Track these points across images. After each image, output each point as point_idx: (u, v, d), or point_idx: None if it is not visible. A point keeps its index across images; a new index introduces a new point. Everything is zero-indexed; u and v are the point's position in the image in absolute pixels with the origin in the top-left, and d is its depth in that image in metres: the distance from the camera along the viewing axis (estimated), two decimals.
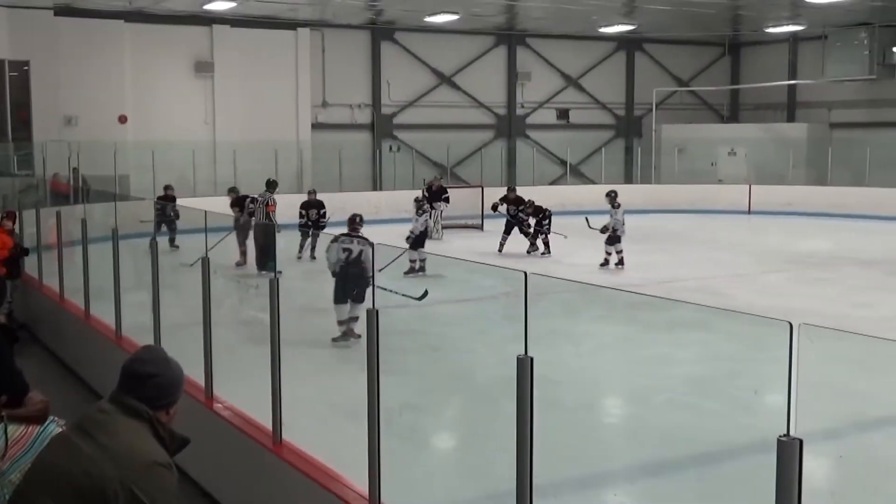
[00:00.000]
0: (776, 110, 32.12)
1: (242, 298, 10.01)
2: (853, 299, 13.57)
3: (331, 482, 4.92)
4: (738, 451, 6.80)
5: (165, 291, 7.62)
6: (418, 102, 29.10)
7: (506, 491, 3.74)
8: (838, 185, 26.69)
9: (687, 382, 8.66)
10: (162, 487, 2.94)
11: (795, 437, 2.67)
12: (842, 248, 19.59)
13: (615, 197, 17.03)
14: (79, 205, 13.62)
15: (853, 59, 27.74)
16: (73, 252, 10.94)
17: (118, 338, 8.42)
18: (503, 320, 10.04)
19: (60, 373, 9.80)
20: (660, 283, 14.91)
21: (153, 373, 3.12)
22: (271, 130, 25.58)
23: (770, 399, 6.69)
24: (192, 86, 25.43)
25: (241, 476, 5.93)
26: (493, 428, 6.54)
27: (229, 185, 23.95)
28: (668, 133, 31.01)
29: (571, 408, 7.49)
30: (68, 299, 10.43)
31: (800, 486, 2.68)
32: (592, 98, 31.88)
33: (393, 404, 5.15)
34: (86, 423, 3.07)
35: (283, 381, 5.51)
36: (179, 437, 3.19)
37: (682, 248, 19.79)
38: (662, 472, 6.68)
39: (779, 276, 15.97)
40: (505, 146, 30.22)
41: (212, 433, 6.02)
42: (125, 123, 24.38)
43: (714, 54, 33.21)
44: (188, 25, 25.02)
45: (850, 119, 29.74)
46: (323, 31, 27.13)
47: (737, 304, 12.75)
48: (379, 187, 27.03)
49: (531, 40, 30.50)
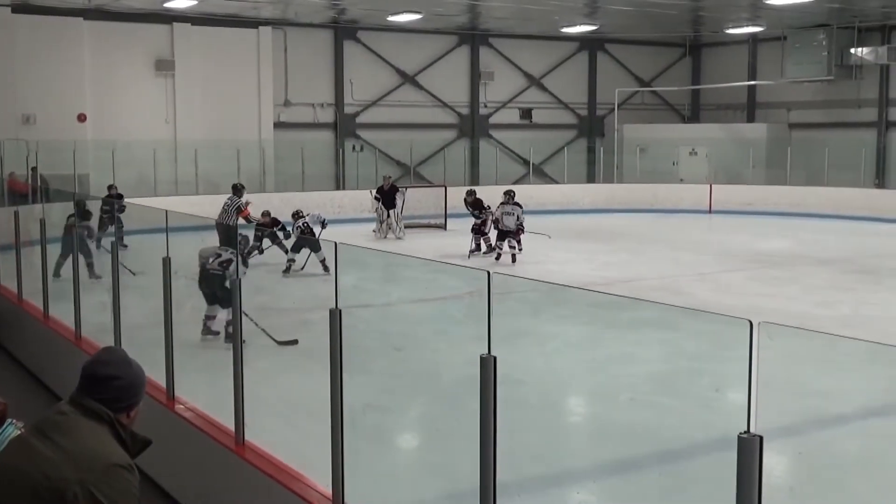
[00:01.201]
0: (736, 110, 32.46)
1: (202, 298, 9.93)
2: (813, 298, 13.75)
3: (294, 482, 4.90)
4: (700, 448, 6.87)
5: (124, 292, 7.54)
6: (381, 102, 29.05)
7: (470, 490, 3.75)
8: (797, 185, 27.03)
9: (649, 381, 8.72)
10: (123, 490, 2.91)
11: (756, 434, 2.70)
12: (801, 248, 19.84)
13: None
14: (37, 204, 13.46)
15: (812, 60, 28.09)
16: (31, 252, 10.81)
17: (78, 339, 8.33)
18: (467, 320, 10.06)
19: (18, 374, 9.67)
20: (622, 282, 15.00)
21: (114, 375, 3.08)
22: (233, 129, 25.42)
23: (731, 397, 6.76)
24: (152, 84, 25.19)
25: (204, 477, 5.89)
26: (457, 427, 6.55)
27: (190, 183, 23.93)
28: (629, 133, 31.24)
29: (535, 407, 7.52)
30: (26, 300, 10.30)
31: (760, 482, 2.71)
32: (555, 98, 32.02)
33: (357, 404, 5.14)
34: (45, 425, 3.03)
35: (245, 381, 5.48)
36: (141, 439, 3.15)
37: (644, 248, 19.93)
38: (625, 469, 6.72)
39: (740, 274, 16.13)
40: (468, 145, 30.27)
41: (174, 434, 5.97)
42: (84, 122, 24.10)
43: (675, 55, 33.49)
44: (148, 23, 24.78)
45: (808, 119, 30.12)
46: (285, 29, 27.00)
47: (698, 302, 12.87)
48: (342, 187, 26.94)
49: (494, 40, 30.57)
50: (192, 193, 23.24)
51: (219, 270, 9.59)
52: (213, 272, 9.38)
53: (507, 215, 17.34)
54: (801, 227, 23.22)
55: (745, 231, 22.57)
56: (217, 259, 9.59)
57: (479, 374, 3.59)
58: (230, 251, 9.71)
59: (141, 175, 23.52)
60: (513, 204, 17.43)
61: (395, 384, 8.36)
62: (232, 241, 14.00)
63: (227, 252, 9.67)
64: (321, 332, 4.55)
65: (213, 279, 9.70)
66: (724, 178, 28.86)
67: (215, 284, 9.67)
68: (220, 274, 9.55)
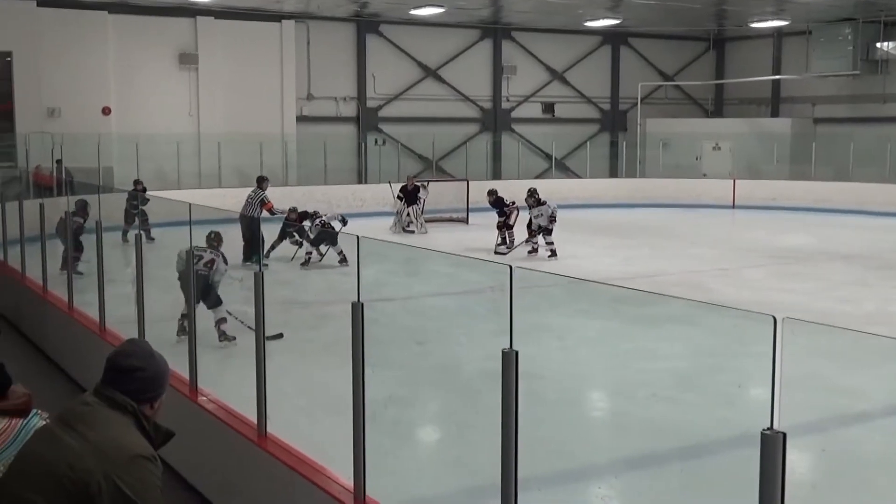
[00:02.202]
0: (760, 105, 32.25)
1: (227, 291, 9.98)
2: (836, 294, 13.65)
3: (315, 475, 4.91)
4: (721, 444, 6.84)
5: (149, 284, 7.59)
6: (403, 95, 29.05)
7: (490, 484, 3.75)
8: (822, 181, 26.81)
9: (671, 376, 8.69)
10: (146, 480, 2.93)
11: (779, 431, 2.68)
12: (825, 244, 19.70)
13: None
14: (62, 197, 13.56)
15: (837, 55, 27.86)
16: (56, 244, 10.89)
17: (102, 330, 8.39)
18: (488, 314, 10.06)
19: (44, 365, 9.75)
20: (644, 277, 14.95)
21: (138, 366, 3.11)
22: (256, 123, 25.50)
23: (753, 393, 6.73)
24: (176, 78, 25.30)
25: (226, 469, 5.92)
26: (477, 421, 6.55)
27: (213, 177, 24.04)
28: (652, 127, 31.09)
29: (555, 401, 7.51)
30: (51, 291, 10.37)
31: (783, 479, 2.69)
32: (578, 92, 31.92)
33: (378, 397, 5.15)
34: (69, 415, 3.06)
35: (267, 374, 5.51)
36: (164, 431, 3.18)
37: (666, 243, 19.85)
38: (647, 465, 6.70)
39: (762, 270, 16.04)
40: (490, 140, 30.23)
41: (196, 426, 6.00)
42: (109, 115, 24.25)
43: (699, 49, 33.30)
44: (172, 17, 24.90)
45: (833, 114, 29.87)
46: (308, 23, 27.04)
47: (720, 298, 12.80)
48: (364, 180, 26.98)
49: (517, 34, 30.50)
50: (214, 186, 23.37)
51: (204, 271, 9.58)
52: (199, 272, 9.38)
53: (537, 217, 17.30)
54: (825, 223, 23.06)
55: (769, 227, 22.43)
56: (200, 260, 9.59)
57: (501, 369, 3.58)
58: (211, 251, 9.74)
59: (164, 168, 23.65)
60: (539, 206, 17.32)
61: (417, 378, 8.37)
62: (255, 234, 14.13)
63: (208, 252, 9.69)
64: (342, 326, 4.56)
65: (196, 280, 9.70)
66: (747, 173, 28.68)
67: (199, 285, 9.65)
68: (204, 274, 9.54)
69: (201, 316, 8.66)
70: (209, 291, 9.56)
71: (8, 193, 14.24)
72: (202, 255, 9.66)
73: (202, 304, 9.43)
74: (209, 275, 9.60)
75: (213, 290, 9.65)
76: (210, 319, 9.63)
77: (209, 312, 9.66)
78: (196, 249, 9.52)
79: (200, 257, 9.59)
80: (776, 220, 23.95)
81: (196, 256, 9.57)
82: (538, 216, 17.28)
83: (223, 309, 9.66)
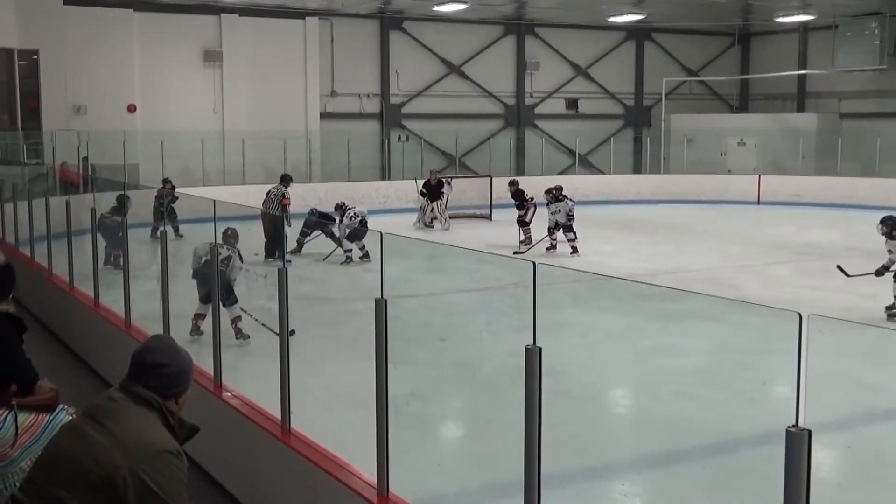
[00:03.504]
0: (786, 100, 32.02)
1: (251, 288, 10.02)
2: (860, 291, 13.53)
3: (339, 471, 4.93)
4: (745, 442, 6.80)
5: (174, 281, 7.63)
6: (427, 92, 29.07)
7: (513, 480, 3.75)
8: (848, 176, 26.57)
9: (694, 373, 8.66)
10: (171, 475, 2.96)
11: (804, 428, 2.67)
12: (850, 240, 19.51)
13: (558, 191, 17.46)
14: (88, 194, 13.66)
15: (863, 49, 27.61)
16: (82, 241, 10.96)
17: (127, 327, 8.44)
18: (510, 310, 10.05)
19: (70, 362, 9.83)
20: (668, 273, 14.89)
21: (163, 362, 3.13)
22: (280, 120, 25.60)
23: (778, 390, 6.69)
24: (200, 75, 25.45)
25: (250, 464, 5.95)
26: (500, 418, 6.55)
27: (237, 174, 24.13)
28: (677, 123, 30.94)
29: (578, 398, 7.50)
30: (77, 288, 10.45)
31: (808, 477, 2.68)
32: (601, 88, 31.81)
33: (401, 393, 5.16)
34: (95, 411, 3.09)
35: (291, 370, 5.53)
36: (189, 426, 3.21)
37: (691, 239, 19.76)
38: (670, 462, 6.68)
39: (787, 267, 15.93)
40: (513, 136, 30.18)
41: (221, 422, 6.04)
42: (134, 112, 24.42)
43: (724, 44, 33.10)
44: (197, 14, 25.04)
45: (860, 109, 29.61)
46: (332, 20, 27.11)
47: (745, 295, 12.73)
48: (387, 177, 27.00)
49: (540, 30, 30.43)
50: (239, 183, 23.47)
51: (221, 267, 9.48)
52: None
53: (554, 214, 17.24)
54: (851, 219, 22.83)
55: (794, 222, 22.27)
56: (218, 256, 9.52)
57: (524, 365, 3.58)
58: (228, 248, 9.70)
59: (189, 165, 23.77)
60: (556, 202, 17.20)
61: (439, 374, 8.38)
62: (278, 230, 14.18)
63: (225, 249, 9.64)
64: (365, 322, 4.57)
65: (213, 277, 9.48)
66: (772, 168, 28.49)
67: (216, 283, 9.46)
68: (222, 270, 9.29)
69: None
70: (226, 288, 9.54)
71: (35, 190, 14.36)
72: (220, 251, 9.65)
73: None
74: (225, 272, 9.59)
75: (230, 287, 9.65)
76: (226, 317, 9.64)
77: (224, 310, 9.66)
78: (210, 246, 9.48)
79: (218, 254, 9.58)
80: (801, 216, 23.78)
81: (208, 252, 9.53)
82: (556, 212, 17.22)
83: (238, 307, 9.66)
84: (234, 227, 10.13)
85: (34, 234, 12.98)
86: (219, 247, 9.64)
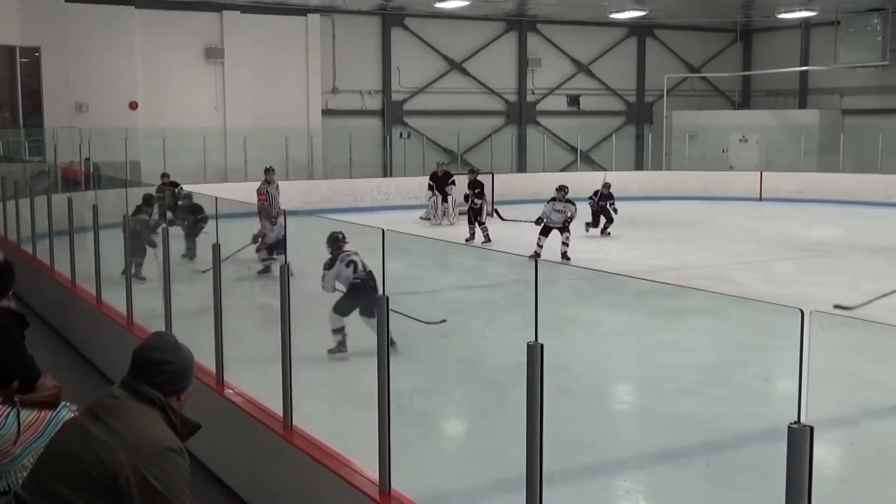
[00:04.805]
0: (788, 97, 31.98)
1: (253, 284, 10.01)
2: (864, 287, 13.51)
3: (341, 467, 4.93)
4: (748, 438, 6.80)
5: (175, 279, 7.63)
6: (428, 89, 29.06)
7: (515, 477, 3.75)
8: (850, 172, 26.57)
9: (697, 370, 8.65)
10: (173, 472, 2.96)
11: (806, 425, 2.66)
12: (853, 236, 19.51)
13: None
14: (90, 191, 13.65)
15: (866, 46, 27.57)
16: (84, 238, 10.96)
17: (130, 324, 8.44)
18: (513, 307, 10.03)
19: (72, 359, 9.83)
20: (670, 270, 14.88)
21: (164, 359, 3.13)
22: (282, 117, 25.59)
23: (781, 387, 6.68)
24: (202, 72, 25.44)
25: (252, 461, 5.95)
26: (502, 414, 6.55)
27: (239, 171, 24.12)
28: (679, 119, 30.91)
29: (581, 394, 7.49)
30: (80, 285, 10.46)
31: (810, 473, 2.68)
32: (603, 84, 31.79)
33: (403, 390, 5.15)
34: (98, 408, 3.09)
35: (293, 366, 5.53)
36: (191, 423, 3.21)
37: (693, 236, 19.75)
38: (672, 459, 6.67)
39: (789, 263, 15.91)
40: (515, 133, 30.17)
41: (223, 418, 6.04)
42: (136, 110, 24.42)
43: (726, 40, 33.06)
44: (198, 11, 25.04)
45: (862, 106, 29.58)
46: (333, 16, 27.10)
47: (747, 291, 12.72)
48: (389, 174, 27.02)
49: (542, 26, 30.41)
50: (240, 180, 23.45)
51: (366, 277, 8.70)
52: (367, 281, 8.39)
53: (557, 212, 16.34)
54: (854, 215, 22.84)
55: (796, 219, 22.26)
56: (357, 268, 8.84)
57: (526, 362, 3.58)
58: (352, 252, 9.07)
59: (190, 162, 23.77)
60: (564, 202, 16.37)
61: (442, 371, 8.37)
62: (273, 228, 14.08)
63: (355, 255, 8.98)
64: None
65: (372, 290, 7.94)
66: (774, 165, 28.46)
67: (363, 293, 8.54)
68: (373, 284, 8.07)
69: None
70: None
71: (36, 188, 14.37)
72: (354, 262, 9.05)
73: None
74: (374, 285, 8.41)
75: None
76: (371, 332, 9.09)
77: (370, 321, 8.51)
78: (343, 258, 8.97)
79: (354, 265, 8.97)
80: (804, 212, 23.76)
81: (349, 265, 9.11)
82: (560, 210, 16.31)
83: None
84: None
85: (36, 231, 13.00)
86: (352, 254, 9.09)
